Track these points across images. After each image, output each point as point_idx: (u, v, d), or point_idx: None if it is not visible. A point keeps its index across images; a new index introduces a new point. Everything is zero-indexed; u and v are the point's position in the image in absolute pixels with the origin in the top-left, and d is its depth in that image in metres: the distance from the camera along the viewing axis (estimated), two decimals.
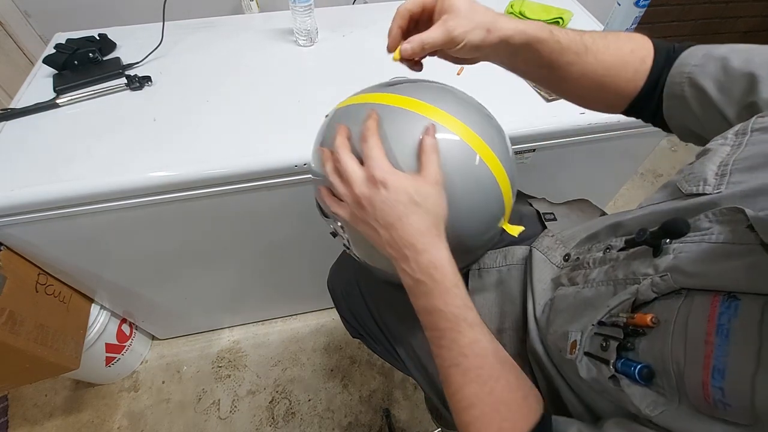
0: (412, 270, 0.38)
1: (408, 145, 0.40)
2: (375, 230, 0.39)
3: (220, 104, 0.82)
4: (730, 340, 0.26)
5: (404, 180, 0.38)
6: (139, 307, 1.10)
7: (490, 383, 0.36)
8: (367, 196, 0.38)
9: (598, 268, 0.42)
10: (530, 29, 0.43)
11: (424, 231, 0.38)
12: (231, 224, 0.85)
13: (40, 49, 1.02)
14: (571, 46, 0.44)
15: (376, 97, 0.46)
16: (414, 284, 0.39)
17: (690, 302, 0.29)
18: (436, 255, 0.38)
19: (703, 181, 0.35)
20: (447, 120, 0.42)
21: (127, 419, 1.15)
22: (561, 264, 0.50)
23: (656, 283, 0.32)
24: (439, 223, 0.39)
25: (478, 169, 0.42)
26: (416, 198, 0.38)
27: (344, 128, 0.42)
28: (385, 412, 1.16)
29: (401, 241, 0.38)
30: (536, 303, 0.48)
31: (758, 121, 0.35)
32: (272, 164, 0.72)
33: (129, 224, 0.77)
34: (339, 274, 0.74)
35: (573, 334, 0.38)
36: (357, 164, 0.40)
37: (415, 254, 0.38)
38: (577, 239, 0.51)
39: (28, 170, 0.69)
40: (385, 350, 0.66)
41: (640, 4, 0.78)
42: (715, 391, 0.26)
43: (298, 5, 0.88)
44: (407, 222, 0.38)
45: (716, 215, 0.31)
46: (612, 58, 0.45)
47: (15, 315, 0.75)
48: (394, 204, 0.38)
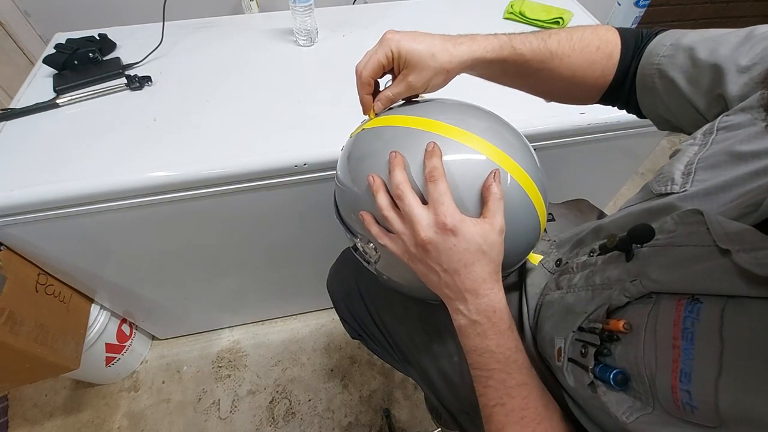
0: (469, 312, 0.38)
1: (473, 187, 0.39)
2: (435, 272, 0.39)
3: (220, 104, 0.82)
4: (694, 344, 0.26)
5: (473, 227, 0.37)
6: (139, 307, 1.10)
7: (532, 426, 0.37)
8: (434, 242, 0.37)
9: (580, 273, 0.42)
10: (488, 52, 0.45)
11: (486, 278, 0.38)
12: (231, 224, 0.85)
13: (40, 49, 1.02)
14: (535, 56, 0.46)
15: (426, 123, 0.42)
16: (468, 324, 0.39)
17: (658, 306, 0.30)
18: (494, 299, 0.38)
19: (670, 180, 0.36)
20: (503, 159, 0.41)
21: (127, 419, 1.15)
22: (553, 269, 0.50)
23: (627, 288, 0.32)
24: (500, 269, 0.40)
25: (528, 208, 0.42)
26: (484, 247, 0.38)
27: (401, 158, 0.40)
28: (385, 412, 1.16)
29: (463, 286, 0.38)
30: (529, 308, 0.48)
31: (723, 119, 0.35)
32: (272, 164, 0.72)
33: (129, 224, 0.77)
34: (338, 275, 0.74)
35: (558, 340, 0.39)
36: (423, 207, 0.38)
37: (475, 299, 0.38)
38: (570, 243, 0.52)
39: (28, 170, 0.69)
40: (385, 351, 0.66)
41: (640, 4, 0.78)
42: (683, 395, 0.26)
43: (298, 5, 0.88)
44: (473, 269, 0.38)
45: (680, 217, 0.31)
46: (579, 59, 0.47)
47: (15, 315, 0.75)
48: (462, 252, 0.37)
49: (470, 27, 1.01)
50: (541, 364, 0.45)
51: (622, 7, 0.80)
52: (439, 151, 0.39)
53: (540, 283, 0.50)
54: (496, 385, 0.38)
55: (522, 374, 0.38)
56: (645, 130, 0.84)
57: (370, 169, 0.42)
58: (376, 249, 0.45)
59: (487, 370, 0.38)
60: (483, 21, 1.05)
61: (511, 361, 0.38)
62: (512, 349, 0.38)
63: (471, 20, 1.05)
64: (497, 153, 0.41)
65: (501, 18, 1.06)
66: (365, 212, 0.43)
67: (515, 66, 0.46)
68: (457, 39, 0.45)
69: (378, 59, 0.44)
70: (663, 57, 0.43)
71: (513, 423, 0.37)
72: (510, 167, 0.41)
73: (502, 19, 1.05)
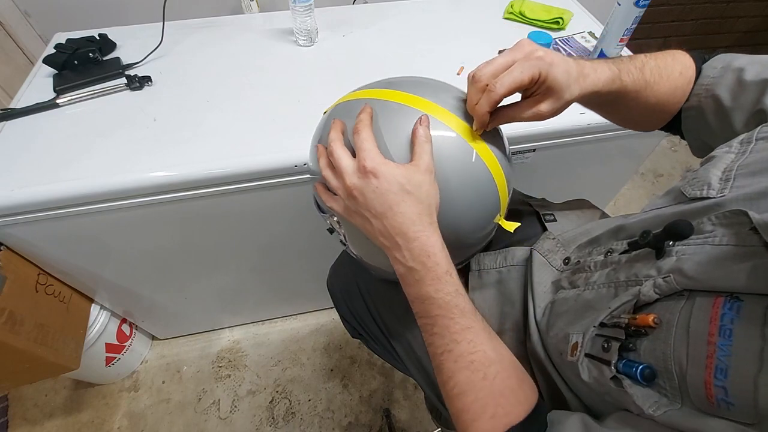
0: (404, 258, 0.38)
1: (401, 137, 0.41)
2: (367, 220, 0.40)
3: (220, 104, 0.82)
4: (733, 340, 0.26)
5: (395, 169, 0.38)
6: (139, 307, 1.10)
7: (482, 369, 0.36)
8: (358, 186, 0.39)
9: (600, 271, 0.42)
10: (604, 86, 0.43)
11: (415, 219, 0.38)
12: (231, 224, 0.85)
13: (40, 49, 1.02)
14: (635, 86, 0.45)
15: (374, 93, 0.46)
16: (406, 272, 0.39)
17: (692, 303, 0.29)
18: (427, 242, 0.38)
19: (707, 185, 0.35)
20: (443, 115, 0.42)
21: (127, 419, 1.15)
22: (561, 267, 0.50)
23: (659, 285, 0.32)
24: (432, 211, 0.39)
25: (474, 164, 0.43)
26: (407, 187, 0.38)
27: (339, 122, 0.43)
28: (385, 412, 1.16)
29: (393, 230, 0.38)
30: (536, 306, 0.48)
31: (763, 130, 0.36)
32: (272, 164, 0.72)
33: (129, 224, 0.77)
34: (338, 274, 0.74)
35: (574, 336, 0.38)
36: (349, 156, 0.40)
37: (406, 242, 0.38)
38: (578, 242, 0.52)
39: (28, 170, 0.69)
40: (385, 350, 0.66)
41: (640, 4, 0.78)
42: (717, 390, 0.26)
43: (298, 5, 0.88)
44: (398, 210, 0.38)
45: (719, 218, 0.31)
46: (665, 86, 0.46)
47: (15, 315, 0.75)
48: (385, 193, 0.38)
49: (470, 27, 1.02)
50: (546, 360, 0.45)
51: (622, 7, 0.80)
52: (370, 110, 0.41)
53: (547, 281, 0.50)
54: (441, 332, 0.38)
55: (465, 318, 0.37)
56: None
57: (320, 143, 0.45)
58: (338, 221, 0.46)
59: (430, 317, 0.38)
60: (483, 21, 1.05)
61: (452, 305, 0.37)
62: (452, 293, 0.38)
63: (471, 20, 1.05)
64: (442, 112, 0.42)
65: (501, 18, 1.06)
66: (318, 182, 0.44)
67: (616, 94, 0.45)
68: (584, 68, 0.42)
69: (522, 79, 0.38)
70: (713, 78, 0.44)
71: (462, 368, 0.36)
72: (454, 123, 0.42)
73: (502, 19, 1.05)
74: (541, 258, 0.52)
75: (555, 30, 1.01)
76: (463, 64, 0.90)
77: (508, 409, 0.35)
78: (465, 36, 1.00)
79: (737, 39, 1.65)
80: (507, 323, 0.53)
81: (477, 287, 0.57)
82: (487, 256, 0.58)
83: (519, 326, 0.52)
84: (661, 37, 1.59)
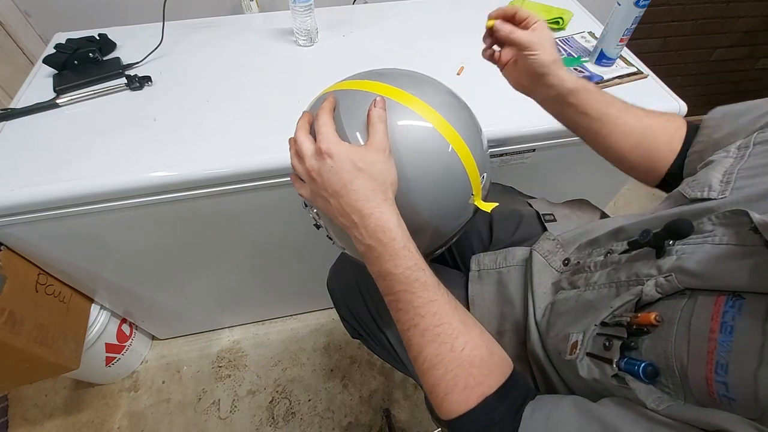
0: (361, 236, 0.39)
1: (359, 119, 0.42)
2: (327, 201, 0.41)
3: (220, 104, 0.82)
4: (733, 337, 0.26)
5: (348, 148, 0.39)
6: (139, 307, 1.10)
7: (449, 341, 0.36)
8: (315, 168, 0.40)
9: (600, 271, 0.42)
10: (579, 80, 0.51)
11: (369, 196, 0.39)
12: (231, 224, 0.85)
13: (40, 49, 1.02)
14: (615, 102, 0.51)
15: (344, 84, 0.48)
16: (366, 250, 0.39)
17: (694, 302, 0.30)
18: (381, 218, 0.38)
19: (707, 187, 0.36)
20: (402, 97, 0.44)
21: (127, 419, 1.15)
22: (560, 268, 0.50)
23: (660, 284, 0.32)
24: (386, 188, 0.40)
25: (435, 143, 0.43)
26: (360, 165, 0.39)
27: (307, 114, 0.45)
28: (385, 412, 1.16)
29: (348, 208, 0.39)
30: (536, 307, 0.48)
31: (760, 135, 0.37)
32: (272, 164, 0.72)
33: (129, 224, 0.77)
34: (338, 274, 0.74)
35: (574, 335, 0.38)
36: (310, 141, 0.41)
37: (361, 219, 0.38)
38: (577, 243, 0.52)
39: (28, 170, 0.69)
40: (385, 350, 0.66)
41: (640, 4, 0.78)
42: (718, 386, 0.26)
43: (298, 5, 0.88)
44: (352, 188, 0.39)
45: (719, 218, 0.32)
46: (650, 120, 0.51)
47: (15, 315, 0.75)
48: (338, 172, 0.39)
49: (470, 27, 1.02)
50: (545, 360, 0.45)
51: (622, 7, 0.80)
52: (332, 99, 0.44)
53: (547, 282, 0.50)
54: (405, 307, 0.38)
55: (427, 291, 0.37)
56: None
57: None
58: (318, 214, 0.48)
59: (394, 293, 0.38)
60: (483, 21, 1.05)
61: (413, 279, 0.37)
62: (411, 268, 0.38)
63: (471, 20, 1.05)
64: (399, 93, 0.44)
65: None
66: (292, 173, 0.46)
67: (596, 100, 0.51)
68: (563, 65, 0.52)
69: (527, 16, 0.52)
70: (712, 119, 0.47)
71: (429, 342, 0.36)
72: (411, 102, 0.43)
73: None
74: (541, 259, 0.52)
75: (555, 30, 1.01)
76: (463, 64, 0.90)
77: (480, 380, 0.35)
78: (465, 36, 1.00)
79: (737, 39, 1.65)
80: (507, 324, 0.53)
81: (477, 287, 0.57)
82: (487, 256, 0.58)
83: (519, 327, 0.52)
84: (661, 37, 1.59)
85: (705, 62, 1.73)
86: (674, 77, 1.76)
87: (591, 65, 0.90)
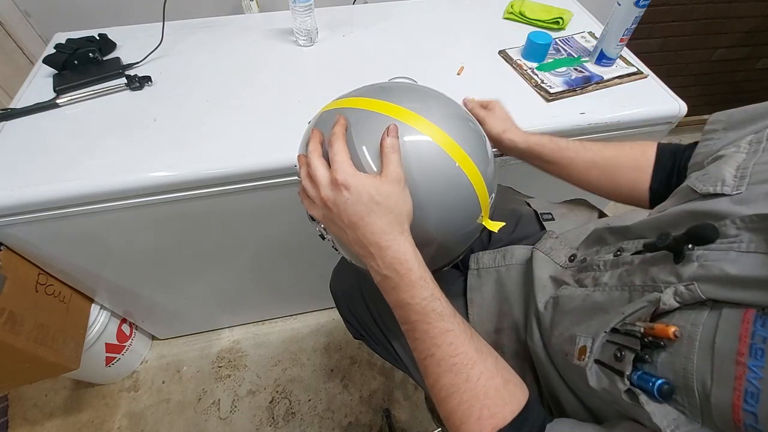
0: (378, 267, 0.39)
1: (373, 146, 0.41)
2: (343, 230, 0.41)
3: (220, 104, 0.82)
4: (765, 362, 0.24)
5: (364, 180, 0.39)
6: (139, 307, 1.10)
7: (465, 371, 0.36)
8: (331, 198, 0.40)
9: (610, 272, 0.41)
10: (531, 138, 0.60)
11: (385, 229, 0.39)
12: (231, 224, 0.85)
13: (40, 49, 1.02)
14: (569, 146, 0.59)
15: (352, 101, 0.47)
16: (382, 280, 0.40)
17: (717, 316, 0.28)
18: (399, 250, 0.38)
19: (720, 181, 0.35)
20: (413, 119, 0.43)
21: (127, 419, 1.15)
22: (565, 264, 0.50)
23: (681, 293, 0.30)
24: (402, 221, 0.40)
25: (446, 166, 0.43)
26: (377, 197, 0.38)
27: (318, 133, 0.44)
28: (386, 412, 1.16)
29: (365, 240, 0.39)
30: (538, 301, 0.48)
31: None
32: (272, 164, 0.72)
33: (129, 224, 0.77)
34: (341, 276, 0.74)
35: (582, 338, 0.37)
36: (325, 168, 0.41)
37: (379, 251, 0.39)
38: (581, 239, 0.51)
39: (28, 170, 0.69)
40: (386, 351, 0.66)
41: (640, 4, 0.78)
42: (746, 416, 0.24)
43: (298, 5, 0.88)
44: (369, 221, 0.39)
45: (745, 222, 0.29)
46: (611, 151, 0.56)
47: (15, 315, 0.75)
48: (355, 204, 0.39)
49: (470, 27, 1.02)
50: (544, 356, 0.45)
51: (622, 7, 0.80)
52: (344, 121, 0.43)
53: (545, 275, 0.49)
54: (422, 337, 0.38)
55: (443, 321, 0.38)
56: (645, 130, 0.84)
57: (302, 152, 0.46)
58: (325, 228, 0.47)
59: (410, 323, 0.39)
60: (483, 21, 1.05)
61: (429, 310, 0.38)
62: (427, 298, 0.38)
63: (471, 20, 1.05)
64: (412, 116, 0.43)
65: (501, 18, 1.06)
66: (301, 189, 0.45)
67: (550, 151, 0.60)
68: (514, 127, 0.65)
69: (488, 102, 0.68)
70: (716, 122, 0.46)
71: (445, 371, 0.37)
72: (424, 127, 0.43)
73: (502, 19, 1.05)
74: (543, 255, 0.52)
75: (555, 30, 1.00)
76: (463, 64, 0.90)
77: (494, 411, 0.35)
78: (465, 36, 1.00)
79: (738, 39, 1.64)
80: (505, 322, 0.53)
81: (476, 286, 0.57)
82: (486, 254, 0.58)
83: (518, 325, 0.52)
84: (661, 37, 1.58)
85: (705, 62, 1.73)
86: (675, 77, 1.76)
87: (591, 65, 0.89)
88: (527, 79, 0.87)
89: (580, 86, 0.84)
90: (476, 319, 0.56)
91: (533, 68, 0.89)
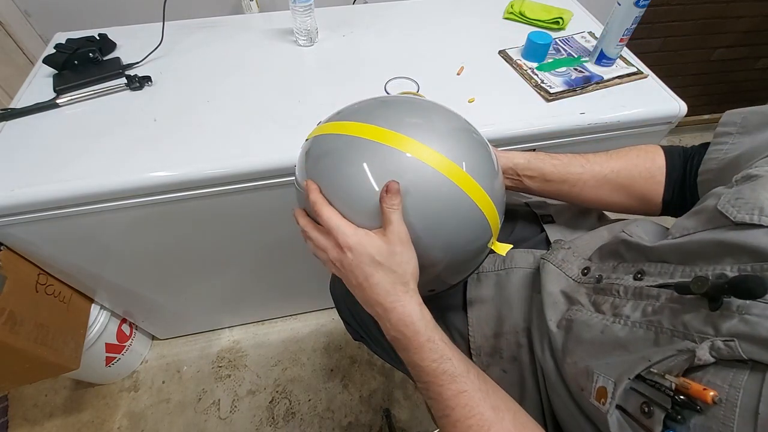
0: (386, 328, 0.39)
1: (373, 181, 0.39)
2: (354, 289, 0.41)
3: (220, 104, 0.82)
4: None
5: (364, 239, 0.38)
6: (139, 307, 1.10)
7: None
8: (338, 259, 0.40)
9: (632, 302, 0.38)
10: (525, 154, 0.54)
11: (389, 290, 0.38)
12: (231, 224, 0.85)
13: (40, 49, 1.02)
14: (572, 161, 0.53)
15: (345, 126, 0.43)
16: (392, 340, 0.39)
17: (760, 380, 0.25)
18: (404, 312, 0.38)
19: (758, 210, 0.31)
20: (411, 146, 0.40)
21: (127, 419, 1.15)
22: (578, 277, 0.47)
23: (718, 348, 0.27)
24: (406, 280, 0.39)
25: (455, 198, 0.40)
26: (378, 258, 0.38)
27: (313, 184, 0.41)
28: (386, 412, 1.16)
29: (371, 300, 0.39)
30: (548, 318, 0.46)
31: None
32: (272, 164, 0.72)
33: (129, 224, 0.77)
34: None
35: (601, 378, 0.35)
36: (324, 237, 0.41)
37: (385, 312, 0.38)
38: (592, 247, 0.50)
39: (28, 170, 0.69)
40: (386, 353, 0.66)
41: (640, 4, 0.78)
42: None
43: (298, 5, 0.88)
44: (373, 282, 0.38)
45: None
46: (617, 162, 0.51)
47: (15, 315, 0.75)
48: (359, 266, 0.38)
49: (470, 27, 1.02)
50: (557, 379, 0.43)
51: (622, 7, 0.80)
52: (314, 186, 0.41)
53: (556, 289, 0.48)
54: (436, 398, 0.37)
55: (456, 384, 0.36)
56: (645, 130, 0.84)
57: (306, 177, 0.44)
58: None
59: (423, 383, 0.38)
60: (483, 21, 1.05)
61: (440, 372, 0.37)
62: (437, 360, 0.37)
63: (471, 20, 1.05)
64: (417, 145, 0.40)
65: (501, 18, 1.06)
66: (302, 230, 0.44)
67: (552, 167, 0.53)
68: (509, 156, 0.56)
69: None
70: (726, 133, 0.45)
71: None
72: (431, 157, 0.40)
73: (502, 19, 1.05)
74: (555, 268, 0.50)
75: (555, 30, 1.01)
76: (463, 64, 0.90)
77: None
78: (465, 36, 1.00)
79: (738, 39, 1.64)
80: (505, 326, 0.53)
81: (475, 290, 0.57)
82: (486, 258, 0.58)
83: (518, 329, 0.52)
84: (661, 37, 1.59)
85: (705, 62, 1.73)
86: (674, 77, 1.76)
87: (591, 65, 0.90)
88: (527, 79, 0.87)
89: (580, 86, 0.84)
90: (475, 323, 0.55)
91: (533, 68, 0.89)
